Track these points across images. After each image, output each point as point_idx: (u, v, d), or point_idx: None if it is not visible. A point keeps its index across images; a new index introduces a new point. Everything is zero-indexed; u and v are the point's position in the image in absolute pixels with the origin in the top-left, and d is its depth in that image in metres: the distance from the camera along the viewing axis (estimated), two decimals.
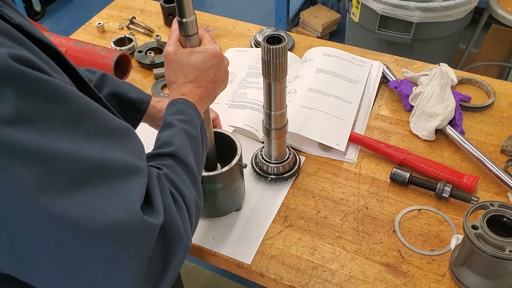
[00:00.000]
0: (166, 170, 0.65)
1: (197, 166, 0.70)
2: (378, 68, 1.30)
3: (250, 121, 1.16)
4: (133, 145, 0.59)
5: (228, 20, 1.56)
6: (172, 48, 0.76)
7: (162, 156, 0.68)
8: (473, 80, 1.27)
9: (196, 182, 0.68)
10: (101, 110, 0.57)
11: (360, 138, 1.11)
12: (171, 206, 0.60)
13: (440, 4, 1.86)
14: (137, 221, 0.53)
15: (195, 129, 0.73)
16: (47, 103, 0.49)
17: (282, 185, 1.05)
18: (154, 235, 0.55)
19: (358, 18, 2.10)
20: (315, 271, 0.90)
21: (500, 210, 0.82)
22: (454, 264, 0.87)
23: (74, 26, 1.67)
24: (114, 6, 1.64)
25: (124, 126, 0.60)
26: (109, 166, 0.53)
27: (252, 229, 0.98)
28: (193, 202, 0.66)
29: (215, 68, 0.77)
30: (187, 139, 0.70)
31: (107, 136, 0.55)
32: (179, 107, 0.74)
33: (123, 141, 0.58)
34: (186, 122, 0.72)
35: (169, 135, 0.70)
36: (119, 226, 0.51)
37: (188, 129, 0.71)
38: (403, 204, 1.01)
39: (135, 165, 0.57)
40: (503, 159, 1.08)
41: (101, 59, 1.25)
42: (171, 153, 0.68)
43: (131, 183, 0.55)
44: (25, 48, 0.51)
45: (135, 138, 0.61)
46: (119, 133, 0.57)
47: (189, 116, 0.73)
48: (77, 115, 0.52)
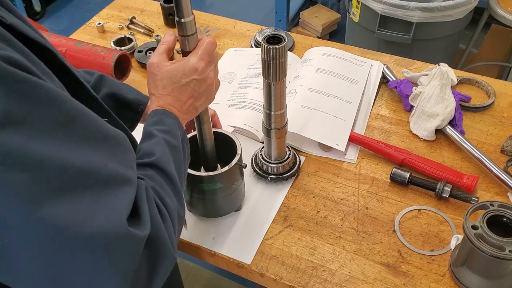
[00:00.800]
0: (149, 181, 0.64)
1: (179, 176, 0.70)
2: (378, 68, 1.30)
3: (250, 121, 1.16)
4: (124, 154, 0.59)
5: (228, 20, 1.56)
6: (155, 59, 0.77)
7: (144, 166, 0.67)
8: (473, 80, 1.27)
9: (177, 192, 0.67)
10: (94, 116, 0.56)
11: (360, 138, 1.11)
12: (157, 217, 0.59)
13: (440, 4, 1.86)
14: (123, 233, 0.52)
15: (176, 140, 0.72)
16: (37, 106, 0.48)
17: (282, 185, 1.05)
18: (139, 247, 0.54)
19: (358, 18, 2.10)
20: (315, 271, 0.90)
21: (500, 210, 0.82)
22: (454, 264, 0.87)
23: (74, 26, 1.67)
24: (114, 6, 1.64)
25: (116, 133, 0.59)
26: (98, 174, 0.52)
27: (252, 229, 0.98)
28: (176, 212, 0.65)
29: (194, 84, 0.77)
30: (168, 149, 0.69)
31: (99, 142, 0.54)
32: (159, 117, 0.73)
33: (114, 149, 0.57)
34: (167, 132, 0.71)
35: (150, 145, 0.69)
36: (105, 237, 0.50)
37: (169, 139, 0.70)
38: (403, 204, 1.01)
39: (125, 174, 0.56)
40: (503, 159, 1.08)
41: (101, 59, 1.25)
42: (152, 163, 0.67)
43: (120, 193, 0.54)
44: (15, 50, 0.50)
45: (127, 147, 0.60)
46: (111, 141, 0.57)
47: (169, 127, 0.72)
48: (68, 119, 0.51)
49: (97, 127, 0.55)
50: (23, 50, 0.52)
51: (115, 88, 0.94)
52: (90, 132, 0.54)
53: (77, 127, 0.52)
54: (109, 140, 0.56)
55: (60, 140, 0.49)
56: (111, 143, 0.56)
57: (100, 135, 0.55)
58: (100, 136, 0.55)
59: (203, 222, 1.00)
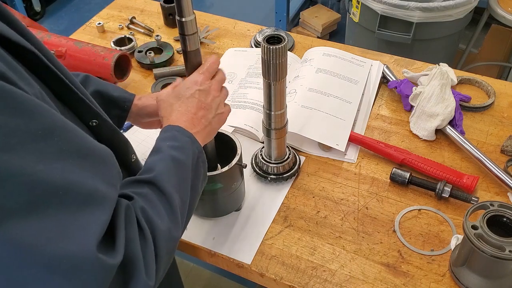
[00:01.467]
0: (139, 199, 0.62)
1: (181, 195, 0.67)
2: (378, 68, 1.30)
3: (250, 121, 1.16)
4: (107, 171, 0.57)
5: (228, 20, 1.56)
6: (163, 93, 0.80)
7: (140, 183, 0.65)
8: (473, 80, 1.27)
9: (173, 212, 0.65)
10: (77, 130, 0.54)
11: (360, 138, 1.11)
12: (135, 240, 0.57)
13: (440, 4, 1.86)
14: (91, 259, 0.49)
15: (186, 157, 0.70)
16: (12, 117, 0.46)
17: (282, 185, 1.05)
18: (108, 275, 0.51)
19: (358, 18, 2.10)
20: (315, 271, 0.90)
21: (500, 210, 0.82)
22: (454, 264, 0.87)
23: (74, 26, 1.67)
24: (114, 6, 1.64)
25: (101, 149, 0.57)
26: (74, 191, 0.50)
27: (252, 229, 0.98)
28: (165, 234, 0.62)
29: (198, 94, 0.77)
30: (172, 166, 0.67)
31: (80, 158, 0.52)
32: (172, 133, 0.73)
33: (97, 165, 0.55)
34: (176, 149, 0.70)
35: (153, 160, 0.68)
36: (70, 260, 0.47)
37: (177, 156, 0.69)
38: (403, 204, 1.01)
39: (104, 193, 0.54)
40: (503, 159, 1.08)
41: (101, 59, 1.25)
42: (149, 180, 0.65)
43: (94, 214, 0.52)
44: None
45: (111, 163, 0.58)
46: (94, 157, 0.55)
47: (181, 143, 0.71)
48: (47, 131, 0.49)
49: (80, 142, 0.53)
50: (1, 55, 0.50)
51: (100, 86, 0.94)
52: (71, 146, 0.51)
53: (58, 140, 0.50)
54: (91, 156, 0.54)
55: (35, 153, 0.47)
56: (93, 159, 0.54)
57: (82, 151, 0.53)
58: (83, 151, 0.53)
59: (203, 222, 1.00)
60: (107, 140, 0.69)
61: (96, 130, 0.68)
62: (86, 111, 0.66)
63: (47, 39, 1.30)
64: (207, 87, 0.79)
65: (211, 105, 0.79)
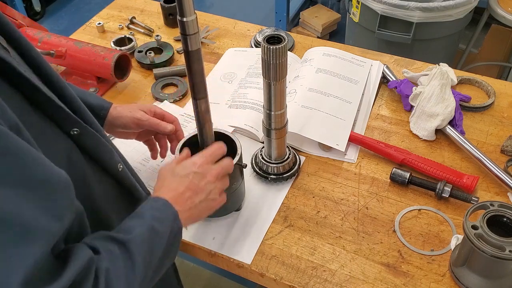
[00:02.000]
0: (106, 257, 0.60)
1: (145, 266, 0.64)
2: (378, 68, 1.30)
3: (250, 121, 1.16)
4: (55, 202, 0.53)
5: (228, 20, 1.56)
6: (165, 165, 0.80)
7: (113, 241, 0.63)
8: (473, 80, 1.27)
9: (133, 282, 0.61)
10: (33, 155, 0.51)
11: (360, 138, 1.11)
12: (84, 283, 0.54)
13: (440, 4, 1.86)
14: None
15: (164, 230, 0.69)
16: None
17: (282, 185, 1.05)
18: None
19: (358, 18, 2.10)
20: (315, 271, 0.90)
21: (500, 210, 0.82)
22: (454, 264, 0.87)
23: (74, 26, 1.67)
24: (114, 6, 1.64)
25: (55, 177, 0.54)
26: (7, 222, 0.47)
27: (252, 229, 0.98)
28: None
29: (192, 176, 0.77)
30: (148, 236, 0.66)
31: (26, 186, 0.49)
32: (158, 204, 0.72)
33: (44, 195, 0.52)
34: (157, 220, 0.69)
35: (133, 224, 0.67)
36: None
37: (156, 227, 0.68)
38: (403, 204, 1.01)
39: (44, 226, 0.51)
40: (503, 159, 1.08)
41: (101, 59, 1.25)
42: (123, 242, 0.63)
43: (27, 249, 0.48)
44: None
45: (64, 193, 0.55)
46: (44, 185, 0.52)
47: (164, 216, 0.71)
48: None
49: (30, 169, 0.50)
50: None
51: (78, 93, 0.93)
52: (18, 173, 0.49)
53: (3, 165, 0.48)
54: (40, 186, 0.51)
55: None
56: (42, 188, 0.52)
57: (30, 179, 0.50)
58: (31, 179, 0.50)
59: (203, 222, 1.00)
60: (90, 149, 0.69)
61: (77, 139, 0.66)
62: (65, 119, 0.64)
63: (47, 39, 1.30)
64: (204, 171, 0.79)
65: (202, 189, 0.78)
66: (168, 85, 1.32)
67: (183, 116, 1.22)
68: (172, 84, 1.32)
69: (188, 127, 1.19)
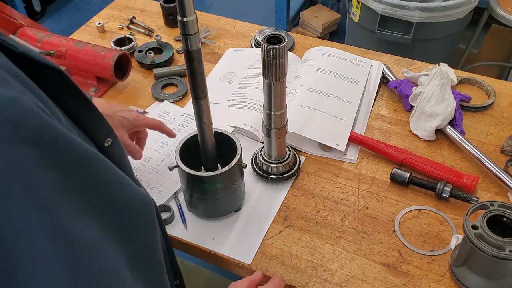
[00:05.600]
0: None
1: None
2: (378, 68, 1.30)
3: (250, 121, 1.16)
4: None
5: (228, 20, 1.56)
6: (238, 284, 0.80)
7: None
8: (473, 80, 1.27)
9: None
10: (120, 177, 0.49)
11: (360, 138, 1.11)
12: None
13: (440, 4, 1.86)
14: None
15: None
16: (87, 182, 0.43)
17: (282, 185, 1.05)
18: None
19: (358, 18, 2.10)
20: (315, 271, 0.90)
21: (500, 210, 0.82)
22: (454, 264, 0.87)
23: (74, 26, 1.67)
24: (114, 6, 1.64)
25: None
26: None
27: (252, 229, 0.98)
28: None
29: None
30: None
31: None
32: None
33: None
34: None
35: None
36: None
37: None
38: (403, 204, 1.01)
39: None
40: (503, 159, 1.08)
41: (101, 59, 1.25)
42: None
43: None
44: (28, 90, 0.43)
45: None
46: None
47: None
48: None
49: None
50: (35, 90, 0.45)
51: None
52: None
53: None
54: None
55: None
56: None
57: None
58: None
59: (203, 222, 1.00)
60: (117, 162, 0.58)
61: (108, 152, 0.57)
62: (101, 128, 0.56)
63: (47, 39, 1.30)
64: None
65: None
66: (168, 85, 1.32)
67: (183, 116, 1.22)
68: (172, 84, 1.32)
69: (188, 127, 1.19)
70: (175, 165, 0.91)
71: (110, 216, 0.47)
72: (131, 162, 0.84)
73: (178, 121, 1.20)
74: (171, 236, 0.97)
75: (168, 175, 1.06)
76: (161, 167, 1.08)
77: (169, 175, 1.06)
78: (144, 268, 0.51)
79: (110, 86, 1.32)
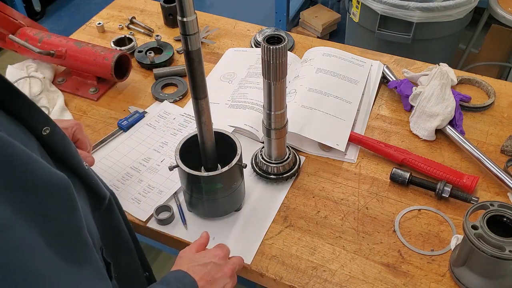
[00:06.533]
0: None
1: None
2: (378, 68, 1.30)
3: (250, 121, 1.16)
4: None
5: (228, 20, 1.56)
6: (186, 250, 0.82)
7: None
8: (473, 80, 1.27)
9: None
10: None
11: (360, 138, 1.11)
12: None
13: (440, 4, 1.86)
14: None
15: None
16: None
17: (282, 185, 1.05)
18: None
19: (358, 18, 2.10)
20: (315, 271, 0.90)
21: (500, 210, 0.82)
22: (454, 264, 0.87)
23: (74, 26, 1.67)
24: (114, 6, 1.64)
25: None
26: None
27: (252, 229, 0.98)
28: None
29: (211, 266, 0.78)
30: None
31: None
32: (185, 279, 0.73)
33: None
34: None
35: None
36: None
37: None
38: (403, 204, 1.01)
39: None
40: (503, 159, 1.08)
41: (101, 59, 1.25)
42: None
43: None
44: None
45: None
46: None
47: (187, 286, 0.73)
48: None
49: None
50: None
51: None
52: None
53: None
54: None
55: None
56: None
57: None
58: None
59: (203, 222, 1.00)
60: (59, 150, 0.62)
61: (48, 140, 0.60)
62: (37, 117, 0.58)
63: (47, 39, 1.30)
64: (222, 264, 0.80)
65: (217, 281, 0.78)
66: (168, 85, 1.32)
67: (183, 116, 1.22)
68: (172, 84, 1.32)
69: (188, 127, 1.19)
70: (175, 165, 0.91)
71: (23, 196, 0.48)
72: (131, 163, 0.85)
73: (178, 121, 1.20)
74: (171, 236, 0.97)
75: (168, 175, 1.06)
76: (161, 167, 1.08)
77: (169, 175, 1.06)
78: (69, 247, 0.52)
79: (110, 86, 1.32)
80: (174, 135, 1.16)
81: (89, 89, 1.30)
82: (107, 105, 1.27)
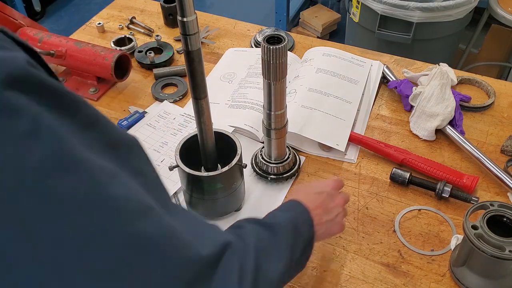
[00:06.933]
0: (250, 232, 0.61)
1: (288, 260, 0.63)
2: (378, 68, 1.30)
3: (250, 121, 1.16)
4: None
5: (228, 20, 1.56)
6: (297, 185, 0.86)
7: (257, 223, 0.66)
8: (473, 80, 1.27)
9: (278, 267, 0.60)
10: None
11: (360, 138, 1.11)
12: None
13: (440, 4, 1.86)
14: None
15: (303, 230, 0.71)
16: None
17: (282, 185, 1.05)
18: None
19: (358, 18, 2.10)
20: (315, 271, 0.90)
21: (500, 210, 0.82)
22: (454, 264, 0.87)
23: (74, 26, 1.67)
24: (114, 6, 1.64)
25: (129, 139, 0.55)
26: None
27: None
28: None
29: (325, 196, 0.80)
30: (291, 229, 0.67)
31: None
32: (299, 208, 0.74)
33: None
34: (297, 219, 0.71)
35: (277, 214, 0.71)
36: None
37: (298, 225, 0.69)
38: (403, 204, 1.01)
39: None
40: (503, 159, 1.08)
41: (101, 59, 1.25)
42: (269, 224, 0.65)
43: None
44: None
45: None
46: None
47: (303, 218, 0.72)
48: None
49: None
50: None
51: None
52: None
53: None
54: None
55: None
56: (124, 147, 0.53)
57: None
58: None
59: None
60: None
61: None
62: None
63: (47, 39, 1.30)
64: (335, 194, 0.82)
65: (331, 210, 0.79)
66: (168, 85, 1.32)
67: (183, 116, 1.22)
68: (172, 84, 1.32)
69: (188, 127, 1.19)
70: (175, 165, 0.91)
71: (117, 152, 0.50)
72: None
73: (178, 121, 1.20)
74: None
75: (168, 175, 1.06)
76: (161, 167, 1.08)
77: (169, 175, 1.06)
78: (157, 196, 0.53)
79: (110, 86, 1.32)
80: (174, 135, 1.16)
81: (89, 89, 1.30)
82: (107, 105, 1.27)
